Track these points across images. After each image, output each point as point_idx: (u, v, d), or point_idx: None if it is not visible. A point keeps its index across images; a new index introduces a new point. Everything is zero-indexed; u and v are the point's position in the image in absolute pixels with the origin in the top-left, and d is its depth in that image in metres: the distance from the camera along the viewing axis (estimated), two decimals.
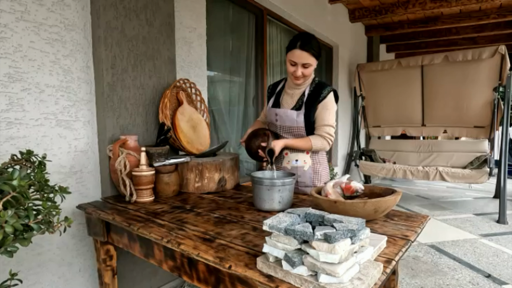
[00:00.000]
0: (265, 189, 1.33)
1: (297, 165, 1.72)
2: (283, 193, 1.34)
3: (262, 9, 3.37)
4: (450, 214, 3.96)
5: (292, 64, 1.63)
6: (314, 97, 1.67)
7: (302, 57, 1.58)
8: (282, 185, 1.33)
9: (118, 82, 1.70)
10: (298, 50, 1.58)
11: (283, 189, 1.33)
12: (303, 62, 1.59)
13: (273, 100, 1.81)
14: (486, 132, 4.30)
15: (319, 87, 1.69)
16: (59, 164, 1.58)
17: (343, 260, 0.70)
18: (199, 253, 0.94)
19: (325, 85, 1.69)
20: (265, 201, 1.34)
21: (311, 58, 1.60)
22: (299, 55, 1.58)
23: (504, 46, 3.90)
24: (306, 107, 1.67)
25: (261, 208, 1.37)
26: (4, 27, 1.37)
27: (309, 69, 1.63)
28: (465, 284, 2.24)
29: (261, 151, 1.65)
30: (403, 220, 1.20)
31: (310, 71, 1.64)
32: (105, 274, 1.54)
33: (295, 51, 1.59)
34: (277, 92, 1.81)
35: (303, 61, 1.59)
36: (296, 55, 1.59)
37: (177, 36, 2.18)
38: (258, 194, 1.36)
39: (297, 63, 1.60)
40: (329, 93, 1.67)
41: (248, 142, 1.73)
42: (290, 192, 1.37)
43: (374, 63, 5.09)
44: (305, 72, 1.63)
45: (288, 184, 1.34)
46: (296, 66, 1.61)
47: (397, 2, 4.43)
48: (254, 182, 1.37)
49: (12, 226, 0.81)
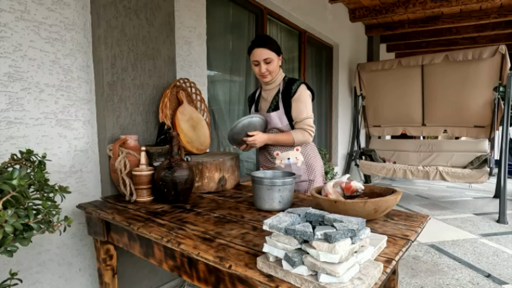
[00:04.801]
0: (265, 189, 1.33)
1: (290, 163, 1.78)
2: (283, 193, 1.34)
3: (262, 9, 3.36)
4: (450, 214, 3.96)
5: (255, 64, 1.73)
6: (287, 94, 1.74)
7: (261, 53, 1.69)
8: (282, 184, 1.32)
9: (118, 81, 1.70)
10: (256, 49, 1.70)
11: (283, 189, 1.33)
12: (263, 57, 1.69)
13: (254, 107, 1.91)
14: (486, 131, 4.30)
15: (289, 83, 1.76)
16: (59, 163, 1.57)
17: (343, 260, 0.70)
18: (199, 252, 0.94)
19: (294, 80, 1.76)
20: (265, 201, 1.34)
21: (270, 53, 1.69)
22: (258, 53, 1.69)
23: (505, 45, 3.90)
24: (284, 105, 1.74)
25: (261, 208, 1.37)
26: (4, 26, 1.36)
27: (272, 64, 1.71)
28: (465, 283, 2.24)
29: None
30: (403, 220, 1.20)
31: (274, 66, 1.72)
32: (105, 273, 1.54)
33: (254, 51, 1.70)
34: (256, 99, 1.91)
35: (263, 56, 1.69)
36: (255, 54, 1.70)
37: (177, 36, 2.18)
38: (258, 194, 1.36)
39: (259, 61, 1.70)
40: (299, 86, 1.73)
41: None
42: (290, 192, 1.36)
43: (374, 62, 5.08)
44: (269, 68, 1.71)
45: (288, 184, 1.34)
46: (259, 65, 1.71)
47: (398, 2, 4.43)
48: (254, 182, 1.37)
49: (12, 226, 0.81)
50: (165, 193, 1.44)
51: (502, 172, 3.79)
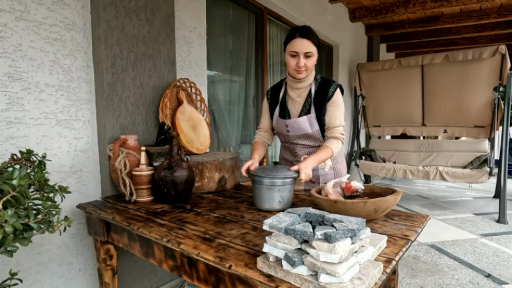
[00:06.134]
0: (265, 189, 1.32)
1: (318, 167, 1.69)
2: (283, 193, 1.32)
3: (262, 9, 3.36)
4: (450, 214, 3.96)
5: (293, 55, 1.53)
6: (322, 96, 1.59)
7: (303, 45, 1.49)
8: (282, 184, 1.31)
9: (118, 81, 1.69)
10: (298, 38, 1.49)
11: (283, 189, 1.32)
12: (305, 50, 1.50)
13: (279, 110, 1.70)
14: (486, 131, 4.30)
15: (324, 84, 1.61)
16: (59, 163, 1.57)
17: (343, 260, 0.70)
18: (199, 252, 0.94)
19: (330, 82, 1.62)
20: (265, 200, 1.33)
21: (312, 47, 1.51)
22: (300, 43, 1.49)
23: (505, 45, 3.89)
24: (316, 108, 1.60)
25: (261, 208, 1.36)
26: (4, 26, 1.36)
27: (312, 60, 1.54)
28: (465, 283, 2.24)
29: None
30: (403, 220, 1.20)
31: (313, 63, 1.55)
32: (105, 273, 1.54)
33: (296, 40, 1.50)
34: (280, 99, 1.71)
35: (305, 49, 1.50)
36: (297, 44, 1.50)
37: (177, 36, 2.18)
38: (258, 193, 1.35)
39: (299, 52, 1.50)
40: (336, 89, 1.60)
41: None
42: (290, 192, 1.35)
43: (374, 62, 5.08)
44: (308, 63, 1.53)
45: (288, 184, 1.33)
46: (298, 57, 1.52)
47: (398, 2, 4.43)
48: (254, 182, 1.35)
49: (12, 226, 0.81)
50: (165, 193, 1.44)
51: (502, 172, 3.79)
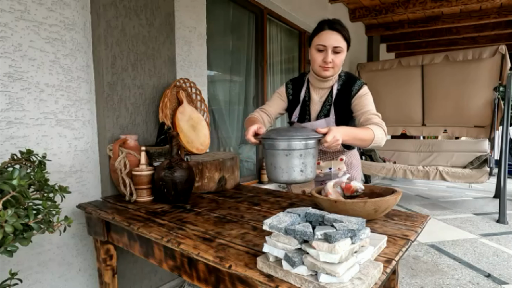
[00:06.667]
0: (281, 155, 1.01)
1: (331, 172, 1.54)
2: (306, 159, 1.01)
3: (262, 9, 3.36)
4: (450, 214, 3.96)
5: (320, 49, 1.37)
6: (345, 96, 1.44)
7: (332, 38, 1.34)
8: (304, 147, 1.00)
9: (118, 81, 1.70)
10: (327, 31, 1.35)
11: (305, 154, 1.01)
12: (334, 44, 1.34)
13: (299, 111, 1.54)
14: (486, 131, 4.30)
15: (348, 82, 1.46)
16: (59, 163, 1.57)
17: (343, 260, 0.70)
18: (199, 252, 0.94)
19: (354, 79, 1.47)
20: (282, 170, 1.03)
21: (342, 42, 1.36)
22: (329, 36, 1.34)
23: (505, 45, 3.90)
24: (336, 110, 1.44)
25: (277, 180, 1.06)
26: (4, 26, 1.36)
27: (340, 56, 1.39)
28: (465, 283, 2.24)
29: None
30: (403, 220, 1.20)
31: (341, 60, 1.40)
32: (105, 273, 1.54)
33: (324, 33, 1.35)
34: (302, 101, 1.54)
35: (334, 43, 1.34)
36: (325, 37, 1.35)
37: (177, 36, 2.18)
38: (272, 162, 1.04)
39: (327, 46, 1.35)
40: (362, 86, 1.45)
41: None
42: (314, 158, 1.05)
43: (375, 62, 5.08)
44: (336, 60, 1.38)
45: (311, 147, 1.02)
46: (326, 51, 1.36)
47: (398, 2, 4.43)
48: (266, 147, 1.06)
49: (12, 226, 0.81)
50: (165, 193, 1.44)
51: (502, 172, 3.79)
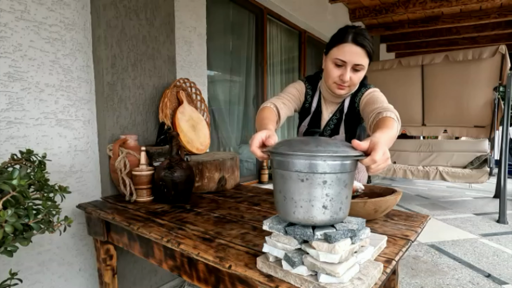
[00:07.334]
0: (295, 180, 0.67)
1: None
2: (333, 189, 0.66)
3: (262, 9, 3.36)
4: (450, 214, 3.96)
5: (338, 64, 1.18)
6: (353, 110, 1.31)
7: (354, 54, 1.15)
8: (332, 171, 0.65)
9: (118, 81, 1.70)
10: (350, 44, 1.14)
11: (335, 180, 0.66)
12: (355, 62, 1.16)
13: (309, 121, 1.40)
14: (486, 131, 4.30)
15: (355, 92, 1.31)
16: (59, 163, 1.57)
17: (343, 260, 0.70)
18: (199, 252, 0.94)
19: (360, 85, 1.31)
20: (295, 203, 0.68)
21: (365, 59, 1.18)
22: (351, 51, 1.15)
23: (505, 45, 3.89)
24: (347, 127, 1.31)
25: (287, 218, 0.72)
26: (4, 26, 1.36)
27: (359, 74, 1.21)
28: (465, 283, 2.24)
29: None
30: (403, 220, 1.20)
31: (360, 78, 1.22)
32: (105, 273, 1.54)
33: (346, 46, 1.15)
34: (314, 110, 1.39)
35: (356, 60, 1.16)
36: (347, 51, 1.15)
37: (177, 36, 2.18)
38: (281, 188, 0.70)
39: (347, 62, 1.16)
40: (368, 88, 1.30)
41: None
42: (346, 189, 0.69)
43: (375, 62, 5.08)
44: (354, 78, 1.20)
45: (345, 170, 0.67)
46: (345, 68, 1.18)
47: (398, 2, 4.43)
48: (275, 165, 0.71)
49: (12, 226, 0.81)
50: (165, 193, 1.44)
51: (502, 172, 3.79)
